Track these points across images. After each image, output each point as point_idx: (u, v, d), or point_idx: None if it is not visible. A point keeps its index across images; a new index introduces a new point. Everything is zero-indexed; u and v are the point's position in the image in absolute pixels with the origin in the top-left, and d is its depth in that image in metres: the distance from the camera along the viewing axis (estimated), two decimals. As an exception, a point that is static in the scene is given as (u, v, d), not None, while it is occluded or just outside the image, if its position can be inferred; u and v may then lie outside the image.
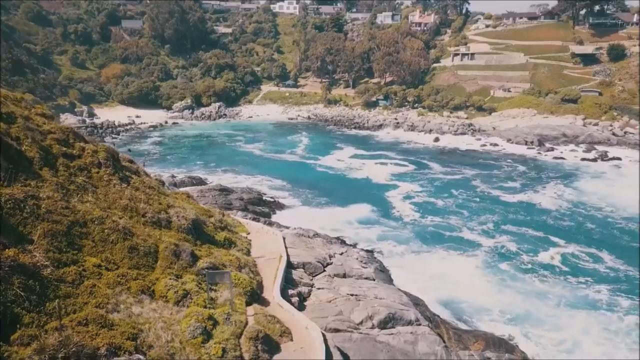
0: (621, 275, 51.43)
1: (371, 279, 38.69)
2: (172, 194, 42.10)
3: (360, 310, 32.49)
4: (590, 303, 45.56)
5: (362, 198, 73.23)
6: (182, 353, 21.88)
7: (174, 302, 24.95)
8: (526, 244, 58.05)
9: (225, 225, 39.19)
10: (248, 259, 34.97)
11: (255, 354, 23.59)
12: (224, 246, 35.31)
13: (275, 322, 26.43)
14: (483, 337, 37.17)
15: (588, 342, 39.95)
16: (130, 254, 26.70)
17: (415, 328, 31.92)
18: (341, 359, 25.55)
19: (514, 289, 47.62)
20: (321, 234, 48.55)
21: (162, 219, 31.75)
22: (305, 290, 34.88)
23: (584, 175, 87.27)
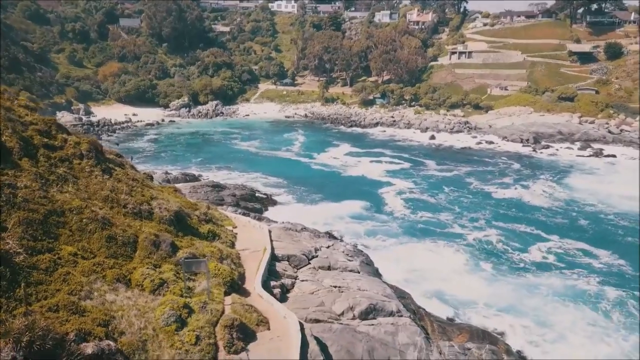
0: (614, 270, 51.44)
1: (356, 271, 38.73)
2: (158, 187, 42.18)
3: (342, 301, 32.55)
4: (579, 296, 45.64)
5: (355, 194, 73.37)
6: (154, 340, 21.95)
7: (149, 291, 25.00)
8: (517, 239, 58.17)
9: (210, 218, 39.22)
10: (231, 251, 35.02)
11: (230, 342, 23.64)
12: (208, 238, 35.36)
13: (252, 312, 26.48)
14: (467, 329, 37.17)
15: (574, 335, 39.93)
16: (108, 243, 26.75)
17: (396, 319, 31.96)
18: (317, 348, 25.51)
19: (504, 283, 47.77)
20: (309, 228, 48.60)
21: (144, 210, 31.79)
22: (289, 282, 34.93)
23: (578, 172, 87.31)
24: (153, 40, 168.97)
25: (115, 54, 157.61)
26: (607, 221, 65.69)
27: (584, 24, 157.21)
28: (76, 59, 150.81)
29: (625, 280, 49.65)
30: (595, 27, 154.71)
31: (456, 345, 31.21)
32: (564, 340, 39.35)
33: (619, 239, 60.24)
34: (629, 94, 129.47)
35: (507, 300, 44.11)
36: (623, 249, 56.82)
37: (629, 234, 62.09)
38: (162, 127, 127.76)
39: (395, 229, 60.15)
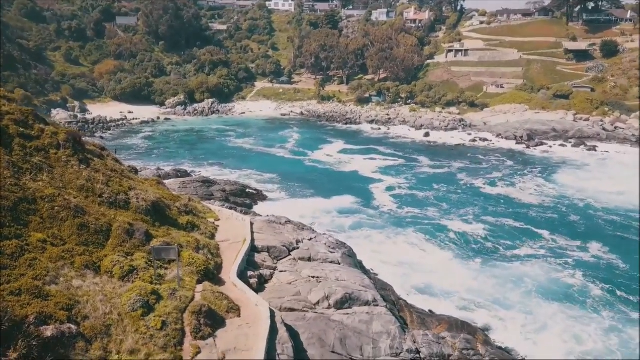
0: (603, 264, 51.48)
1: (336, 262, 38.72)
2: (140, 179, 42.21)
3: (318, 291, 32.59)
4: (566, 290, 45.61)
5: (346, 190, 73.52)
6: (119, 325, 22.00)
7: (119, 277, 25.06)
8: (505, 234, 58.34)
9: (191, 210, 39.28)
10: (210, 242, 35.07)
11: (197, 328, 23.70)
12: (186, 229, 35.41)
13: (223, 299, 26.52)
14: (447, 320, 37.21)
15: (557, 328, 39.94)
16: (80, 231, 26.80)
17: (371, 308, 31.99)
18: (287, 335, 25.56)
19: (489, 276, 47.83)
20: (294, 221, 48.56)
21: (120, 200, 31.86)
22: (267, 273, 34.96)
23: (569, 168, 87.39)
24: (150, 38, 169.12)
25: (111, 52, 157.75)
26: (597, 217, 65.66)
27: (581, 22, 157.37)
28: (72, 56, 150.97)
29: (615, 275, 49.47)
30: (591, 25, 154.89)
31: (430, 334, 31.22)
32: (546, 332, 39.33)
33: (608, 234, 60.07)
34: (625, 91, 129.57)
35: (491, 294, 44.20)
36: (613, 243, 56.73)
37: (618, 229, 61.96)
38: (157, 125, 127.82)
39: (381, 223, 60.33)
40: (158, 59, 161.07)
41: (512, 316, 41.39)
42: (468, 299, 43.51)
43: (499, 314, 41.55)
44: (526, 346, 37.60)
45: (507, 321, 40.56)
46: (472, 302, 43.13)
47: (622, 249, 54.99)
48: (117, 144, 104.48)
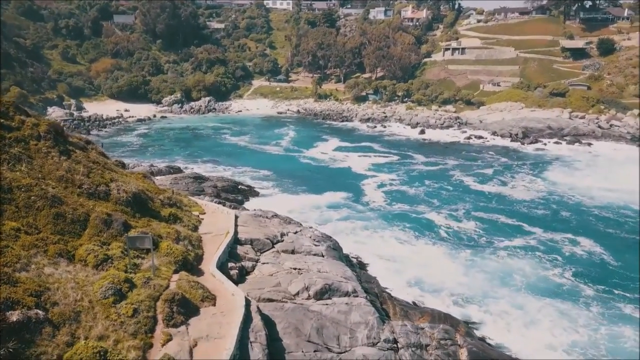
0: (593, 260, 51.34)
1: (320, 255, 38.71)
2: (125, 172, 42.24)
3: (298, 282, 32.61)
4: (556, 287, 45.41)
5: (338, 186, 73.72)
6: (89, 312, 22.03)
7: (92, 266, 25.12)
8: (496, 230, 58.34)
9: (174, 202, 39.33)
10: (192, 234, 35.12)
11: (170, 315, 23.73)
12: (169, 221, 35.46)
13: (198, 288, 26.56)
14: (430, 313, 37.25)
15: (547, 323, 39.79)
16: (56, 220, 26.85)
17: (351, 299, 32.00)
18: (261, 324, 25.58)
19: (480, 271, 47.76)
20: (281, 215, 48.61)
21: (100, 191, 31.91)
22: (249, 265, 34.99)
23: (561, 165, 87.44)
24: (147, 36, 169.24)
25: (108, 50, 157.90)
26: (588, 213, 65.61)
27: (578, 20, 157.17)
28: (69, 55, 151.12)
29: (606, 270, 49.29)
30: (588, 24, 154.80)
31: (409, 325, 31.21)
32: (535, 326, 39.24)
33: (600, 230, 60.00)
34: (621, 89, 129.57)
35: (481, 288, 44.20)
36: (604, 239, 56.62)
37: (610, 225, 61.91)
38: (153, 123, 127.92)
39: (370, 218, 60.54)
40: (155, 57, 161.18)
41: (502, 310, 41.27)
42: (458, 293, 43.47)
43: (489, 308, 41.43)
44: (514, 340, 37.44)
45: (497, 315, 40.46)
46: (462, 296, 43.07)
47: (613, 245, 54.83)
48: (112, 142, 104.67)
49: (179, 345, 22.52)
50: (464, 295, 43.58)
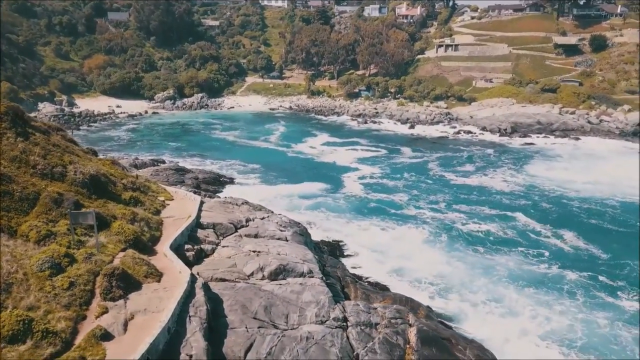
0: (577, 250, 51.14)
1: (284, 239, 38.75)
2: (91, 157, 42.30)
3: (253, 263, 32.68)
4: (538, 277, 45.07)
5: (318, 178, 73.96)
6: (22, 284, 22.08)
7: (34, 241, 25.19)
8: (478, 220, 58.14)
9: (138, 187, 39.42)
10: (151, 217, 35.20)
11: (108, 289, 23.80)
12: (129, 204, 35.52)
13: (143, 265, 26.63)
14: (392, 297, 37.27)
15: (527, 311, 39.61)
16: (2, 197, 26.86)
17: (305, 280, 32.04)
18: (203, 299, 25.63)
19: (459, 260, 47.61)
20: (252, 203, 48.67)
21: (56, 172, 31.99)
22: (209, 248, 35.05)
23: (543, 159, 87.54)
24: (141, 33, 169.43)
25: (102, 47, 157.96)
26: (569, 204, 65.46)
27: (571, 17, 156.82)
28: (63, 51, 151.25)
29: (590, 260, 48.95)
30: (581, 20, 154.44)
31: (362, 304, 31.21)
32: (512, 313, 39.05)
33: (582, 221, 59.80)
34: (612, 85, 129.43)
35: (460, 278, 43.99)
36: (587, 230, 56.37)
37: (592, 216, 61.76)
38: (144, 119, 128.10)
39: (343, 207, 60.90)
40: (149, 54, 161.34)
41: (480, 298, 41.04)
42: (437, 282, 43.20)
43: (469, 297, 41.19)
44: (488, 325, 37.43)
45: (475, 303, 40.28)
46: (441, 285, 42.83)
47: (595, 235, 54.55)
48: (101, 136, 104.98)
49: (113, 317, 22.58)
50: (444, 285, 43.18)
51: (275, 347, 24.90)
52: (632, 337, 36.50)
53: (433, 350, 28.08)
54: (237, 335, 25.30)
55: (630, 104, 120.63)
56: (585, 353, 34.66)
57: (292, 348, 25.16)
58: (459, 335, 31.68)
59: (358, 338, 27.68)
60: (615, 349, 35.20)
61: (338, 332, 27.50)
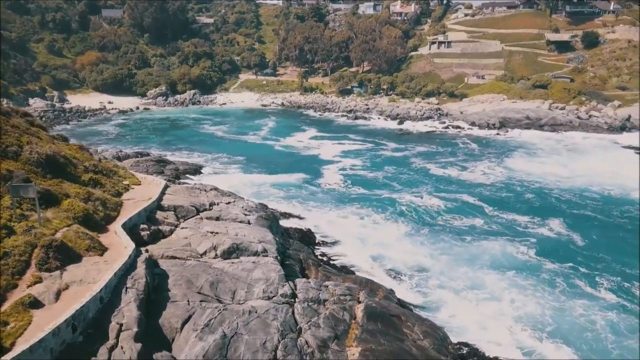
0: (563, 239, 50.93)
1: (246, 222, 38.77)
2: (57, 142, 42.36)
3: (207, 242, 32.68)
4: (519, 265, 44.79)
5: (299, 169, 74.28)
6: (-47, 253, 22.10)
7: (-27, 214, 25.19)
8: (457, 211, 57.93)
9: (101, 170, 39.49)
10: (110, 198, 35.29)
11: (44, 260, 23.85)
12: (87, 185, 35.56)
13: (86, 239, 26.70)
14: (352, 279, 37.21)
15: (505, 298, 39.38)
16: (-52, 172, 26.95)
17: (258, 258, 32.06)
18: (143, 273, 25.68)
19: (436, 249, 47.40)
20: (221, 189, 48.72)
21: (10, 151, 32.09)
22: (167, 229, 35.09)
23: (526, 153, 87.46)
24: (135, 30, 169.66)
25: (95, 44, 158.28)
26: (551, 195, 65.34)
27: (564, 13, 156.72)
28: (55, 48, 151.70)
29: (571, 250, 48.65)
30: (574, 17, 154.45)
31: (313, 282, 31.22)
32: (494, 301, 38.80)
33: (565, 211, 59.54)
34: (603, 81, 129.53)
35: (439, 265, 43.85)
36: (570, 219, 56.23)
37: (573, 207, 61.60)
38: (134, 114, 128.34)
39: (320, 196, 60.86)
40: (142, 51, 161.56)
41: (459, 285, 40.83)
42: (414, 271, 42.97)
43: (448, 283, 40.96)
44: (461, 308, 37.39)
45: (454, 289, 40.08)
46: (419, 273, 42.61)
47: (577, 225, 54.28)
48: (89, 131, 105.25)
49: (46, 287, 22.63)
50: (421, 272, 42.85)
51: (215, 320, 24.89)
52: (605, 322, 36.27)
53: (378, 325, 28.05)
54: (177, 308, 25.30)
55: (620, 99, 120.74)
56: (558, 336, 34.48)
57: (233, 321, 25.14)
58: (410, 314, 31.64)
59: (303, 313, 27.68)
60: (589, 335, 34.97)
61: (283, 308, 27.50)
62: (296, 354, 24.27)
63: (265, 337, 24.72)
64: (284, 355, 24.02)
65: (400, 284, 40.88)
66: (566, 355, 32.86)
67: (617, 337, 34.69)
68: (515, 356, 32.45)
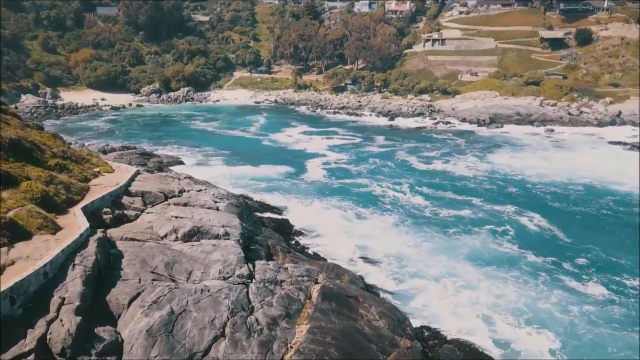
0: (546, 234, 50.70)
1: (214, 209, 38.81)
2: (29, 130, 42.48)
3: (169, 225, 32.73)
4: (499, 256, 44.58)
5: (282, 162, 74.65)
6: None
7: None
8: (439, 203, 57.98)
9: (69, 156, 39.57)
10: (75, 182, 35.45)
11: (-9, 237, 23.88)
12: (54, 170, 35.66)
13: (38, 218, 26.78)
14: (320, 264, 37.23)
15: (481, 288, 39.20)
16: None
17: (219, 241, 32.12)
18: (94, 251, 25.74)
19: (418, 239, 47.33)
20: (195, 178, 48.81)
21: (-28, 135, 32.13)
22: (132, 214, 35.17)
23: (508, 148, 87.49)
24: (130, 28, 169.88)
25: (90, 41, 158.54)
26: (534, 189, 65.32)
27: (558, 11, 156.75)
28: (50, 45, 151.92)
29: (553, 243, 48.41)
30: (568, 15, 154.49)
31: (272, 264, 31.25)
32: (466, 289, 38.74)
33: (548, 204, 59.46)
34: (596, 78, 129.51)
35: (419, 257, 43.67)
36: (550, 212, 56.18)
37: (556, 199, 61.52)
38: (126, 111, 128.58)
39: (300, 187, 61.47)
40: (136, 49, 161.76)
41: (437, 274, 40.75)
42: (393, 261, 42.95)
43: (428, 272, 40.90)
44: (443, 301, 37.20)
45: (432, 279, 39.92)
46: (399, 263, 42.52)
47: (559, 218, 54.17)
48: (79, 126, 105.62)
49: (-9, 262, 22.64)
50: (401, 262, 42.70)
51: (164, 297, 24.92)
52: (581, 312, 36.18)
53: (333, 305, 28.06)
54: (127, 286, 25.36)
55: (612, 96, 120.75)
56: (534, 323, 34.44)
57: (183, 298, 25.17)
58: (370, 296, 31.59)
59: (257, 292, 27.71)
60: (566, 322, 34.91)
61: (238, 287, 27.53)
62: (244, 331, 24.27)
63: (214, 314, 24.74)
64: (231, 332, 24.02)
65: (377, 273, 40.91)
66: (541, 341, 32.73)
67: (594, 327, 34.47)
68: (484, 342, 32.32)
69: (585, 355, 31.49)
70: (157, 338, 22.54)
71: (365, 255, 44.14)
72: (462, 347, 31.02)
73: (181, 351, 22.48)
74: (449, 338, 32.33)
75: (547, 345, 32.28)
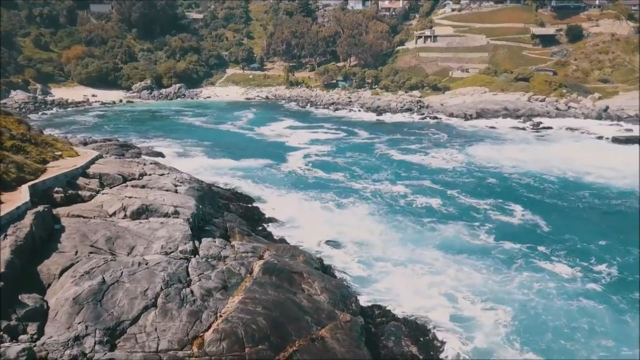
0: (528, 223, 50.29)
1: (172, 191, 38.90)
2: None
3: (117, 203, 32.84)
4: (475, 246, 44.16)
5: (263, 155, 74.59)
6: None
7: None
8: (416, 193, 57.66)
9: (29, 139, 39.75)
10: (30, 163, 35.58)
11: None
12: (10, 151, 35.82)
13: (-24, 192, 26.88)
14: (277, 245, 37.20)
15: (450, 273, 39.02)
16: None
17: (168, 219, 32.24)
18: (30, 222, 25.90)
19: (390, 229, 47.11)
20: (161, 164, 48.96)
21: None
22: (87, 194, 35.31)
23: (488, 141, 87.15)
24: (122, 25, 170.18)
25: (82, 38, 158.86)
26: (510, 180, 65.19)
27: (550, 8, 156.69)
28: (42, 42, 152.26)
29: (531, 232, 48.02)
30: (560, 11, 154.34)
31: (218, 241, 31.34)
32: (435, 274, 38.49)
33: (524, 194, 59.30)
34: (585, 74, 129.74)
35: (391, 244, 43.57)
36: (531, 203, 55.88)
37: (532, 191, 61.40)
38: (115, 106, 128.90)
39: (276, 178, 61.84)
40: (129, 46, 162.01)
41: (404, 259, 40.62)
42: (360, 247, 42.81)
43: (397, 258, 40.67)
44: (407, 284, 37.00)
45: (403, 266, 39.61)
46: (368, 251, 42.36)
47: (536, 208, 53.82)
48: (66, 120, 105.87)
49: None
50: (369, 250, 42.52)
51: (98, 268, 25.05)
52: (541, 289, 36.24)
53: (272, 279, 28.15)
54: (61, 257, 25.51)
55: (601, 92, 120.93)
56: (492, 301, 34.42)
57: (117, 270, 25.29)
58: (316, 273, 31.52)
59: (197, 267, 27.81)
60: (522, 299, 34.95)
61: (177, 262, 27.64)
62: (177, 302, 24.37)
63: (148, 285, 24.84)
64: (163, 303, 24.13)
65: (342, 256, 40.89)
66: (494, 315, 32.83)
67: (548, 301, 34.66)
68: (441, 318, 32.34)
69: (533, 323, 31.81)
70: (83, 305, 22.65)
71: (334, 240, 44.11)
72: (409, 324, 30.98)
73: (108, 319, 22.58)
74: (400, 317, 32.25)
75: (499, 318, 32.45)
